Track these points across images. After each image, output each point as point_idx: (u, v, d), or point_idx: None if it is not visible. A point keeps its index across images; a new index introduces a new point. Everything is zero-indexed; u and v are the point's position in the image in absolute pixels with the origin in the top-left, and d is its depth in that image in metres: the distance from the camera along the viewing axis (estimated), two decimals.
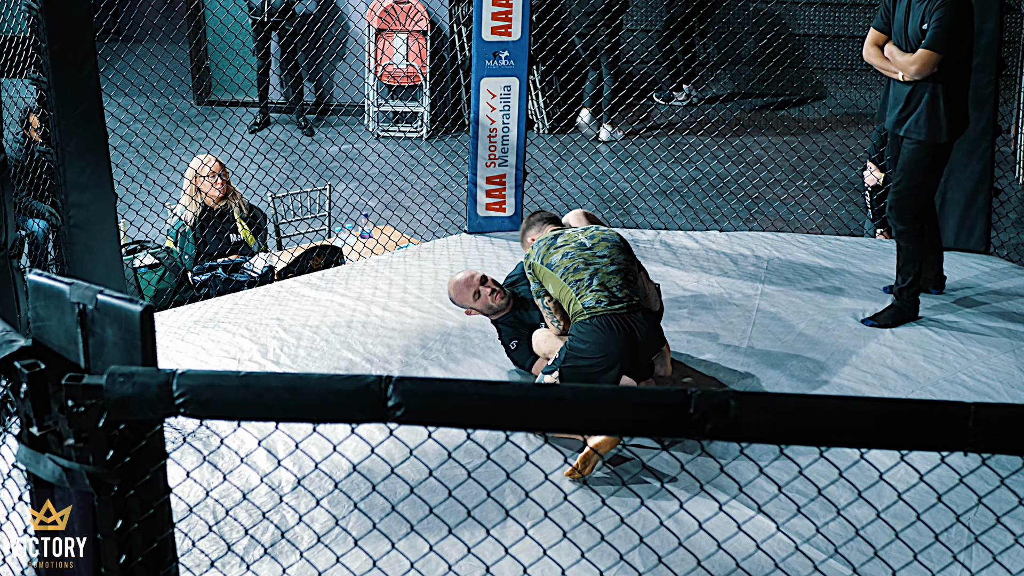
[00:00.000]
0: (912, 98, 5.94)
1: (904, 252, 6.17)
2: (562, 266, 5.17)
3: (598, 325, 5.05)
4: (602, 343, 5.04)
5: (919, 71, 5.85)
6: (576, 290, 5.11)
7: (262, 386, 2.21)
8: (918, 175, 6.03)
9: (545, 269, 5.21)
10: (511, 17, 7.22)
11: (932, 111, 5.90)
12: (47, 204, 5.52)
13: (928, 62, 5.82)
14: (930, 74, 5.85)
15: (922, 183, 6.06)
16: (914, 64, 5.85)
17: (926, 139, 5.93)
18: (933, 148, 5.97)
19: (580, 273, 5.14)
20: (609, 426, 2.26)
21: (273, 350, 6.02)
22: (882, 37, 6.04)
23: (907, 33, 5.89)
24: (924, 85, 5.90)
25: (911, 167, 6.02)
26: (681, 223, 8.54)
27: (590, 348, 5.04)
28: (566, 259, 5.19)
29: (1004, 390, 5.60)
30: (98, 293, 2.27)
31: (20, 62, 5.63)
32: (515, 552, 3.27)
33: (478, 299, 5.62)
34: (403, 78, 11.45)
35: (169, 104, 10.15)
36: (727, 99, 11.91)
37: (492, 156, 7.46)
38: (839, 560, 4.18)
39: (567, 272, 5.15)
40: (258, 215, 7.51)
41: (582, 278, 5.13)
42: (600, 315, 5.06)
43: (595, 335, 5.03)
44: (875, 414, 2.11)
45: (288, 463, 4.85)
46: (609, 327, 5.04)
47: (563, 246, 5.25)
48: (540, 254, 5.26)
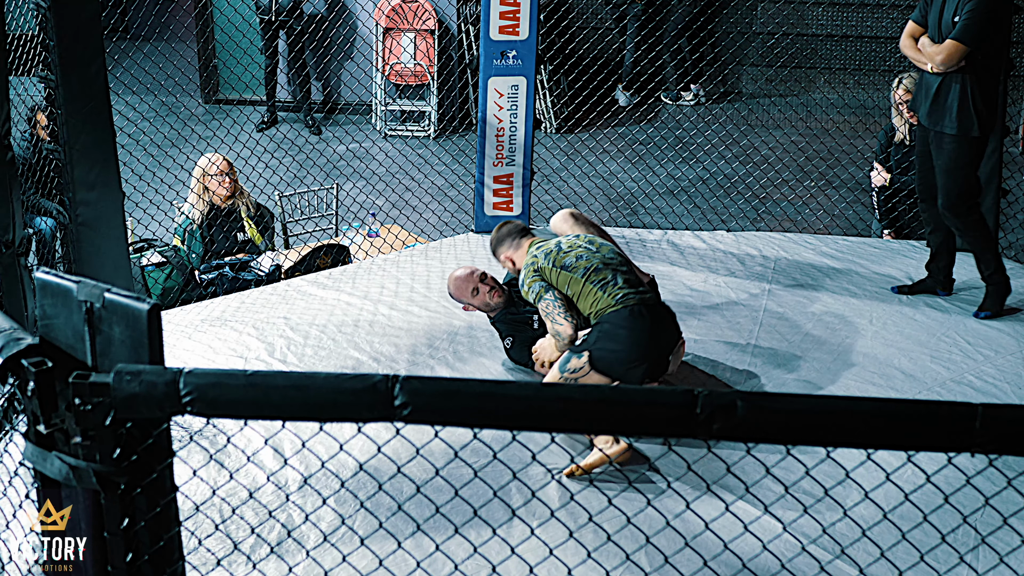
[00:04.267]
0: (941, 91, 5.97)
1: (976, 243, 6.23)
2: (580, 267, 5.17)
3: (634, 312, 5.05)
4: (638, 329, 5.03)
5: (944, 61, 5.87)
6: (602, 287, 5.11)
7: (269, 385, 2.22)
8: (960, 171, 6.06)
9: (560, 271, 5.19)
10: (519, 16, 7.21)
11: (963, 105, 5.92)
12: (55, 202, 5.52)
13: (954, 53, 5.84)
14: (958, 66, 5.88)
15: (965, 177, 6.08)
16: (940, 54, 5.88)
17: (958, 133, 5.95)
18: (967, 141, 5.99)
19: (603, 272, 5.15)
20: (615, 426, 2.25)
21: (280, 349, 6.02)
22: (919, 29, 6.07)
23: (940, 25, 5.92)
24: (954, 78, 5.92)
25: (951, 164, 6.05)
26: (688, 223, 8.54)
27: (625, 335, 5.02)
28: (582, 260, 5.19)
29: (1012, 391, 5.60)
30: (105, 291, 2.27)
31: (28, 60, 5.63)
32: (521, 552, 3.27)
33: (476, 296, 5.66)
34: (411, 77, 11.45)
35: (177, 103, 10.17)
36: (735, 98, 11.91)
37: (500, 155, 7.46)
38: (846, 561, 4.17)
39: (588, 272, 5.15)
40: (265, 214, 7.51)
41: (606, 276, 5.14)
42: (634, 304, 5.07)
43: (631, 321, 5.03)
44: (882, 415, 2.11)
45: (295, 462, 4.85)
46: (642, 315, 5.05)
47: (572, 249, 5.26)
48: (550, 259, 5.24)
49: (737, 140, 9.98)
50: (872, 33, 11.66)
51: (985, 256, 6.24)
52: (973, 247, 6.26)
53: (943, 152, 6.07)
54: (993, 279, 6.28)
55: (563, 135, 11.14)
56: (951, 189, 6.10)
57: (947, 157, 6.05)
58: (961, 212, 6.13)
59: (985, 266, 6.27)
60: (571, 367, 5.02)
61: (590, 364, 5.00)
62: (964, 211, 6.13)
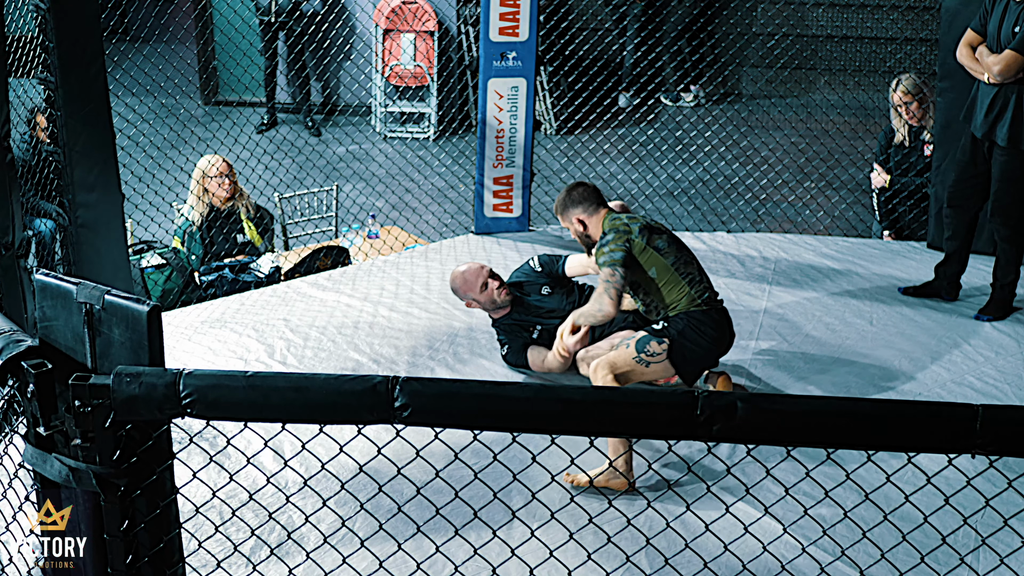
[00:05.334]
0: (996, 101, 5.91)
1: (1007, 254, 6.22)
2: (672, 254, 5.09)
3: (716, 316, 5.09)
4: (718, 334, 5.09)
5: (1002, 71, 5.81)
6: (690, 282, 5.06)
7: (269, 387, 2.21)
8: (1013, 183, 6.02)
9: (652, 251, 5.07)
10: (519, 18, 7.21)
11: (1017, 117, 5.87)
12: (54, 204, 5.52)
13: (1012, 64, 5.78)
14: (1015, 78, 5.83)
15: (1019, 189, 6.05)
16: (998, 64, 5.82)
17: (1009, 145, 5.91)
18: (1019, 154, 5.94)
19: (690, 267, 5.11)
20: (617, 427, 2.25)
21: (280, 351, 6.02)
22: (977, 39, 6.00)
23: (1000, 35, 5.85)
24: (1010, 89, 5.86)
25: (1007, 175, 6.01)
26: (689, 224, 8.53)
27: (710, 335, 5.05)
28: (672, 248, 5.11)
29: (1012, 392, 5.59)
30: (105, 293, 2.27)
31: (28, 62, 5.63)
32: (521, 553, 3.27)
33: (485, 291, 5.63)
34: (410, 79, 11.45)
35: (176, 104, 10.17)
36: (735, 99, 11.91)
37: (499, 157, 7.45)
38: (846, 562, 4.17)
39: (678, 262, 5.09)
40: (265, 215, 7.51)
41: (692, 273, 5.10)
42: (718, 308, 5.11)
43: (716, 324, 5.07)
44: (882, 416, 2.11)
45: (295, 463, 4.85)
46: (722, 321, 5.11)
47: (663, 232, 5.17)
48: (644, 235, 5.09)
49: (737, 141, 9.98)
50: (872, 34, 11.66)
51: (1008, 269, 6.24)
52: (1004, 254, 6.23)
53: (997, 163, 6.04)
54: (1006, 289, 6.27)
55: (563, 136, 11.13)
56: (1004, 200, 6.08)
57: (1000, 168, 6.02)
58: (1012, 223, 6.12)
59: (1004, 274, 6.25)
60: (651, 350, 4.99)
61: (668, 352, 4.99)
62: (1015, 221, 6.12)
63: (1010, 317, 6.30)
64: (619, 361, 5.01)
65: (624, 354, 5.02)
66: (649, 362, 4.99)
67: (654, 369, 5.02)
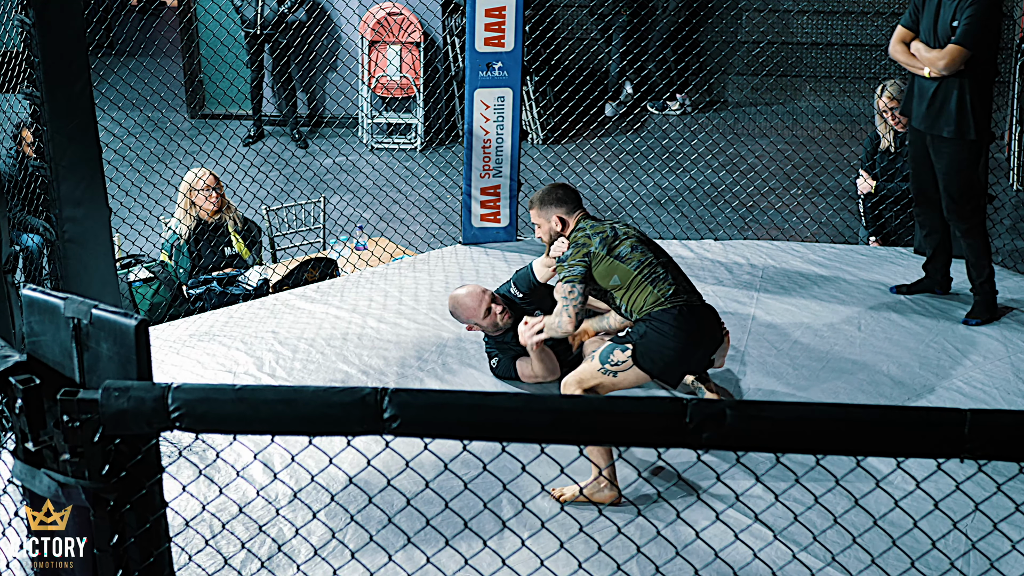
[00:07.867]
0: (938, 94, 6.02)
1: (974, 249, 6.26)
2: (635, 259, 5.02)
3: (683, 313, 4.94)
4: (685, 330, 4.92)
5: (947, 66, 5.91)
6: (653, 283, 4.97)
7: (258, 399, 2.21)
8: (961, 174, 6.10)
9: (613, 260, 5.03)
10: (504, 28, 7.22)
11: (960, 108, 5.97)
12: (41, 219, 5.51)
13: (957, 58, 5.89)
14: (957, 71, 5.92)
15: (967, 180, 6.12)
16: (943, 59, 5.91)
17: (955, 136, 5.99)
18: (966, 144, 6.04)
19: (655, 268, 5.01)
20: (606, 436, 2.25)
21: (269, 363, 6.01)
22: (909, 34, 6.11)
23: (936, 30, 5.95)
24: (951, 82, 5.97)
25: (952, 167, 6.09)
26: (676, 232, 8.55)
27: (672, 334, 4.90)
28: (637, 252, 5.04)
29: (1000, 396, 5.61)
30: (93, 307, 2.27)
31: (13, 77, 5.62)
32: (512, 563, 3.27)
33: (488, 316, 5.59)
34: (396, 90, 11.46)
35: (163, 118, 10.16)
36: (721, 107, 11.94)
37: (486, 167, 7.46)
38: (836, 568, 4.18)
39: (642, 266, 5.01)
40: (252, 228, 7.51)
41: (658, 273, 5.00)
42: (683, 304, 4.96)
43: (679, 321, 4.91)
44: (871, 421, 2.11)
45: (284, 476, 4.84)
46: (690, 316, 4.95)
47: (628, 237, 5.11)
48: (605, 244, 5.07)
49: (724, 149, 9.99)
50: (857, 41, 11.70)
51: (980, 263, 6.27)
52: (971, 252, 6.28)
53: (942, 156, 6.10)
54: (984, 288, 6.30)
55: (549, 146, 11.14)
56: (953, 192, 6.13)
57: (947, 161, 6.08)
58: (966, 215, 6.17)
59: (978, 273, 6.28)
60: (614, 359, 4.90)
61: (633, 359, 4.90)
62: (969, 213, 6.17)
63: (998, 321, 6.32)
64: (585, 376, 4.97)
65: (589, 368, 4.98)
66: (616, 372, 4.91)
67: (624, 378, 4.92)
